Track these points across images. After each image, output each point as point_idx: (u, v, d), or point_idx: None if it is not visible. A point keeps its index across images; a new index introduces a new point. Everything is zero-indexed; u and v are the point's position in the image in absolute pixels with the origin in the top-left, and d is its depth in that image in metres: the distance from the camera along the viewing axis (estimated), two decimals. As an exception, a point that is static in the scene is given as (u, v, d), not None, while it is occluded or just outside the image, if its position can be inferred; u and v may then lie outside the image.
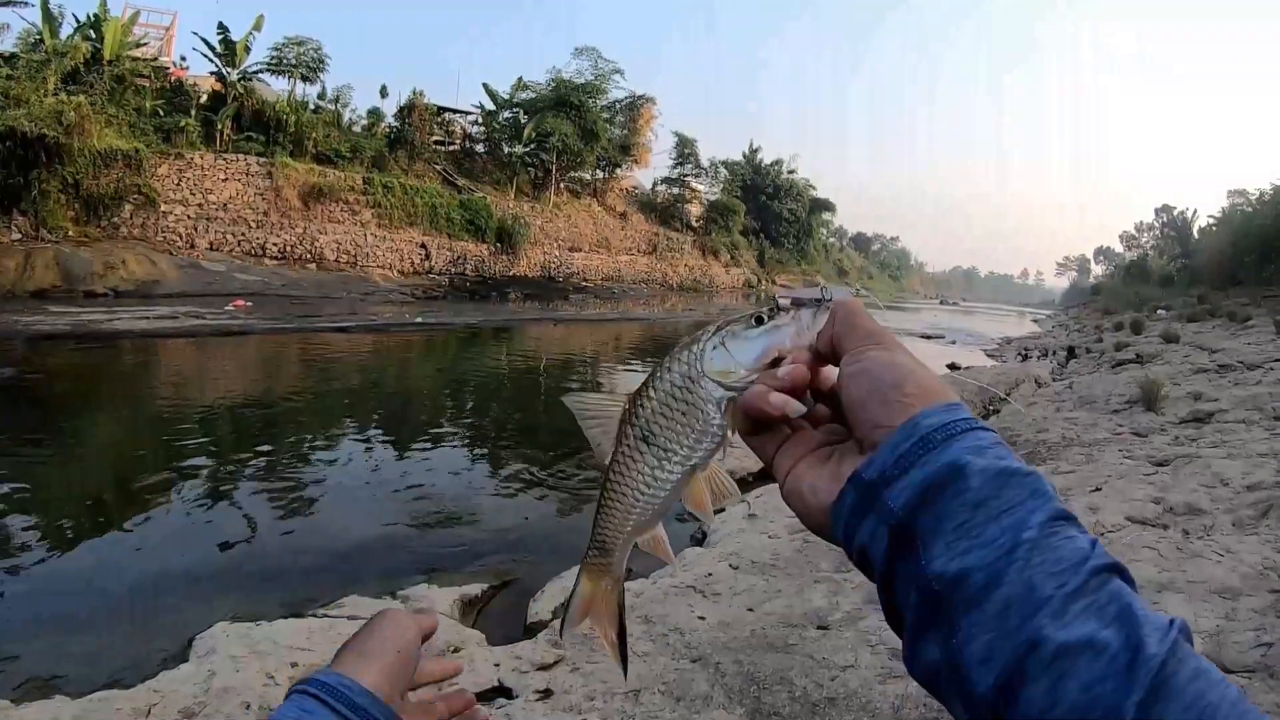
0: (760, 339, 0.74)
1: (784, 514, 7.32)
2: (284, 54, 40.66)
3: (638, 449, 0.79)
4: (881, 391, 0.61)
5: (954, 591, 0.51)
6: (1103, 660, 0.45)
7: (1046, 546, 0.51)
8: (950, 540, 0.53)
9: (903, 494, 0.56)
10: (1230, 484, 7.28)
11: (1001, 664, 0.48)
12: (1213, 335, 24.40)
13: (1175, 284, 63.73)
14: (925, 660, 0.53)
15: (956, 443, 0.56)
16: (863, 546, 0.58)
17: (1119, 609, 0.47)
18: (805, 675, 4.10)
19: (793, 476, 0.68)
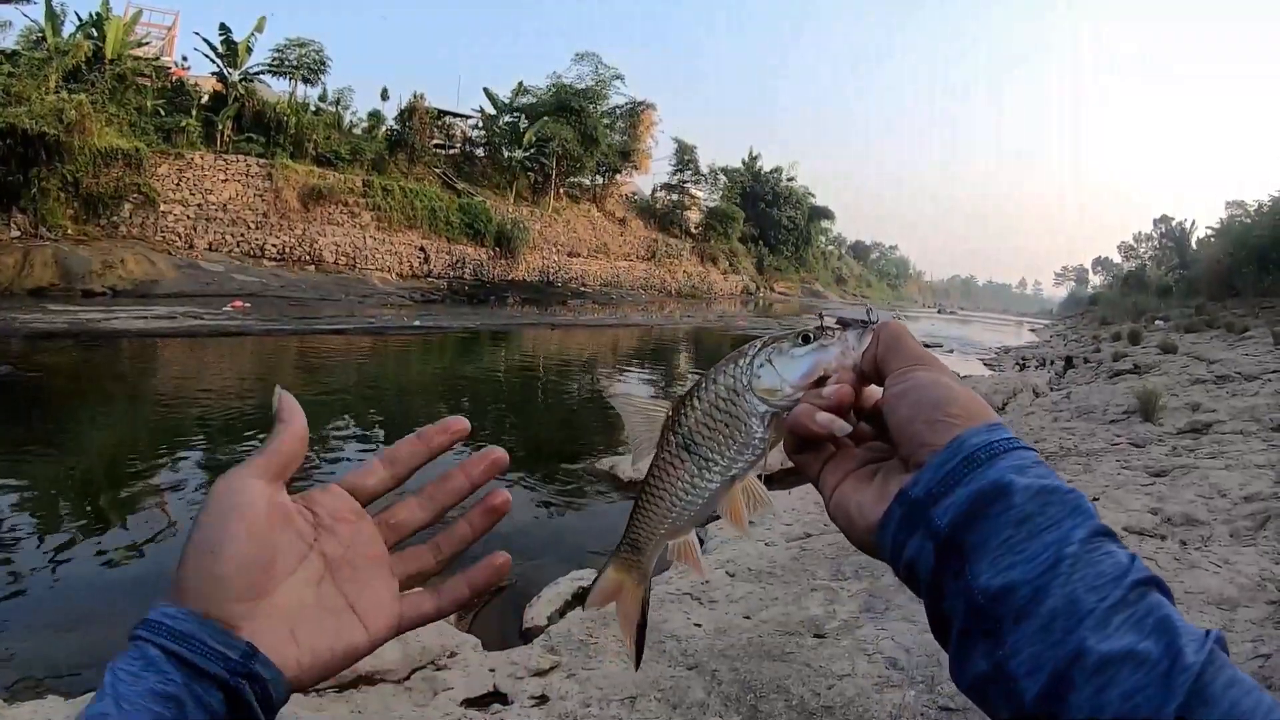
0: (807, 357, 0.76)
1: (781, 522, 7.32)
2: (285, 55, 40.69)
3: (679, 456, 0.80)
4: (926, 411, 0.63)
5: (1000, 605, 0.53)
6: (1143, 670, 0.47)
7: (1088, 561, 0.52)
8: (995, 556, 0.55)
9: (949, 511, 0.57)
10: (1228, 495, 7.29)
11: (1048, 674, 0.49)
12: (1210, 346, 24.41)
13: (1173, 294, 63.68)
14: (974, 672, 0.55)
15: (1000, 461, 0.58)
16: (910, 561, 0.60)
17: (1157, 620, 0.49)
18: (802, 683, 4.09)
19: (839, 494, 0.69)
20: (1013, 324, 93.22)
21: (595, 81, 54.98)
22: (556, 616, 5.46)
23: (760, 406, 0.77)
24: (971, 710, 3.69)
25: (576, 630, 4.90)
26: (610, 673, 4.34)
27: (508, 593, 6.23)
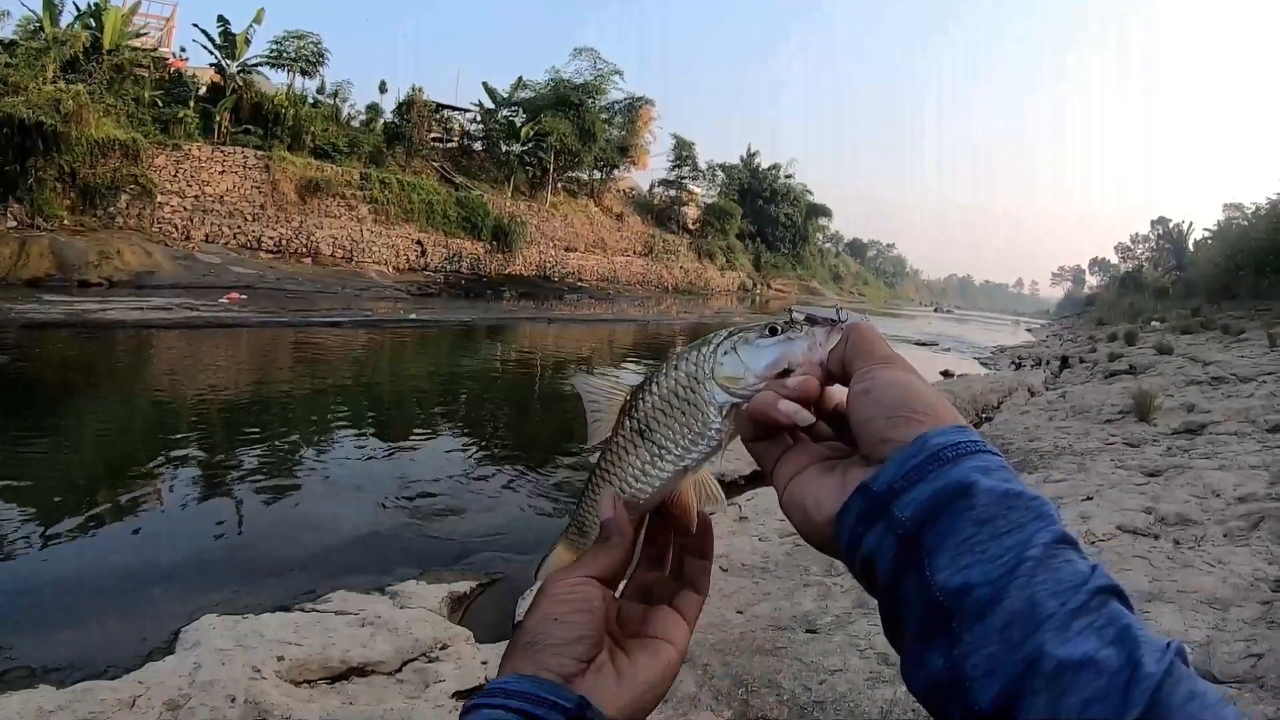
0: (773, 348, 0.76)
1: (775, 517, 7.32)
2: (284, 47, 40.65)
3: (633, 441, 0.81)
4: (891, 408, 0.63)
5: (958, 603, 0.53)
6: (1103, 678, 0.46)
7: (1049, 566, 0.52)
8: (956, 554, 0.54)
9: (910, 505, 0.57)
10: (1222, 495, 7.29)
11: (1004, 678, 0.49)
12: (1206, 347, 24.44)
13: (1170, 296, 63.79)
14: (928, 671, 0.54)
15: (965, 461, 0.58)
16: (869, 556, 0.60)
17: (1119, 630, 0.49)
18: (793, 678, 4.09)
19: (794, 485, 0.70)
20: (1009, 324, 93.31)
21: (594, 77, 54.97)
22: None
23: (720, 396, 0.77)
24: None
25: (568, 624, 4.90)
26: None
27: (500, 587, 6.24)
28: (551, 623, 0.75)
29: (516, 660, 0.73)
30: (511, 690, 0.67)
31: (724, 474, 9.30)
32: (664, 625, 0.81)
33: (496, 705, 0.66)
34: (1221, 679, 3.84)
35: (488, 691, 0.68)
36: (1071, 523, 6.53)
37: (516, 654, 0.74)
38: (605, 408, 0.85)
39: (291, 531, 7.33)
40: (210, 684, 4.08)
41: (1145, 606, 4.72)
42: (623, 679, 0.75)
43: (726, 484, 9.17)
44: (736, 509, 7.73)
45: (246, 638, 4.70)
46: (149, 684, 4.10)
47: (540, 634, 0.74)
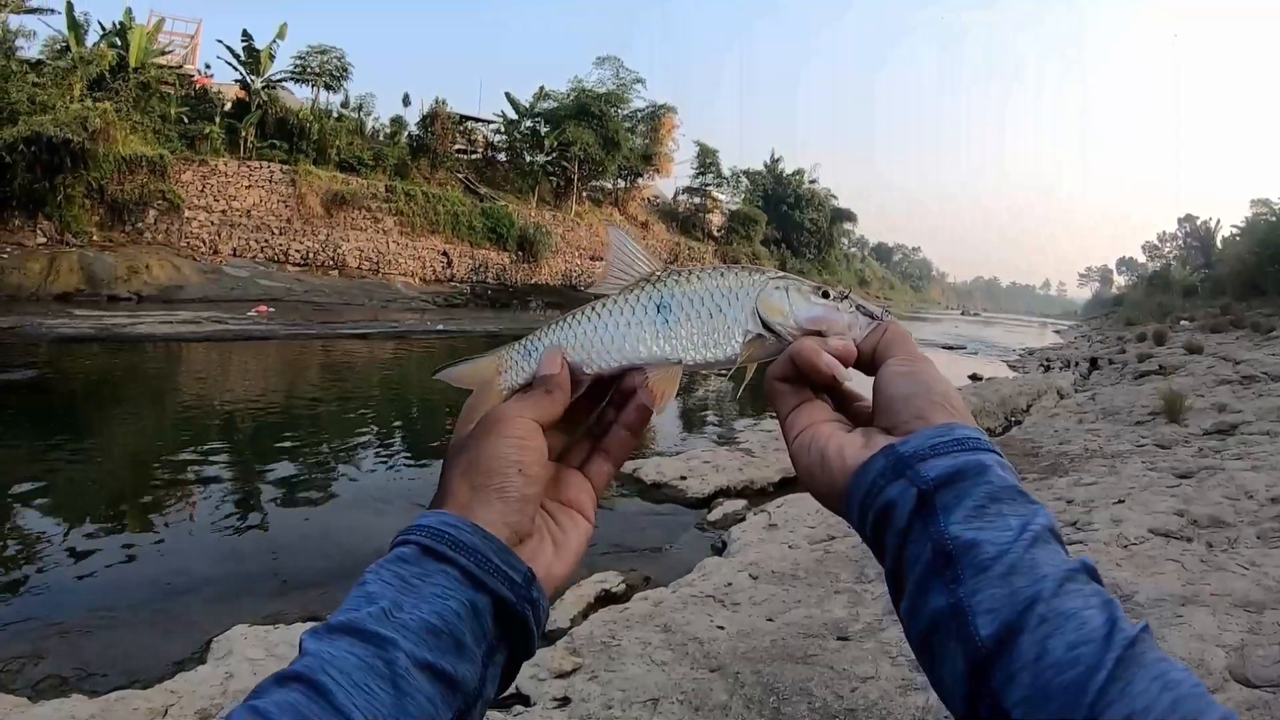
0: (820, 306, 0.80)
1: (804, 524, 7.29)
2: (307, 62, 40.94)
3: (645, 307, 0.82)
4: (930, 394, 0.69)
5: (965, 554, 0.58)
6: (1086, 628, 0.52)
7: (1045, 545, 0.58)
8: (968, 515, 0.60)
9: (934, 469, 0.62)
10: (1255, 496, 7.21)
11: (1004, 616, 0.54)
12: (1236, 346, 24.22)
13: (1198, 294, 63.13)
14: (931, 608, 0.59)
15: (984, 454, 0.64)
16: (888, 502, 0.63)
17: (1102, 600, 0.55)
18: (825, 686, 4.07)
19: (814, 433, 0.74)
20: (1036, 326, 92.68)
21: (616, 85, 54.88)
22: (579, 618, 5.46)
23: (750, 320, 0.81)
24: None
25: (599, 632, 4.90)
26: (633, 675, 4.33)
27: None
28: (516, 472, 0.70)
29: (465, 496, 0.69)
30: (461, 542, 0.63)
31: (751, 481, 9.29)
32: (576, 491, 0.80)
33: (443, 555, 0.62)
34: (1256, 683, 3.79)
35: (432, 531, 0.64)
36: (1104, 526, 6.48)
37: (467, 493, 0.69)
38: (627, 268, 0.86)
39: (321, 542, 7.37)
40: (243, 693, 4.08)
41: (1179, 610, 4.66)
42: (560, 551, 0.74)
43: (754, 491, 9.16)
44: (766, 516, 7.71)
45: (278, 647, 4.73)
46: (181, 693, 4.13)
47: (502, 481, 0.70)
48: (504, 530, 0.67)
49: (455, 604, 0.61)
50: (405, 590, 0.60)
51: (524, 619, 0.64)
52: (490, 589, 0.63)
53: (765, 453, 10.41)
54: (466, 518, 0.66)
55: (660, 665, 4.43)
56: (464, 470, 0.71)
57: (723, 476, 9.33)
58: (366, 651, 0.56)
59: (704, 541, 7.57)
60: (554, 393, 0.78)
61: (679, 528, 8.11)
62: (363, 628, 0.57)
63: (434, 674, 0.57)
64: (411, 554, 0.63)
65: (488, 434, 0.73)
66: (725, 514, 8.23)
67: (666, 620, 5.02)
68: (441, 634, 0.59)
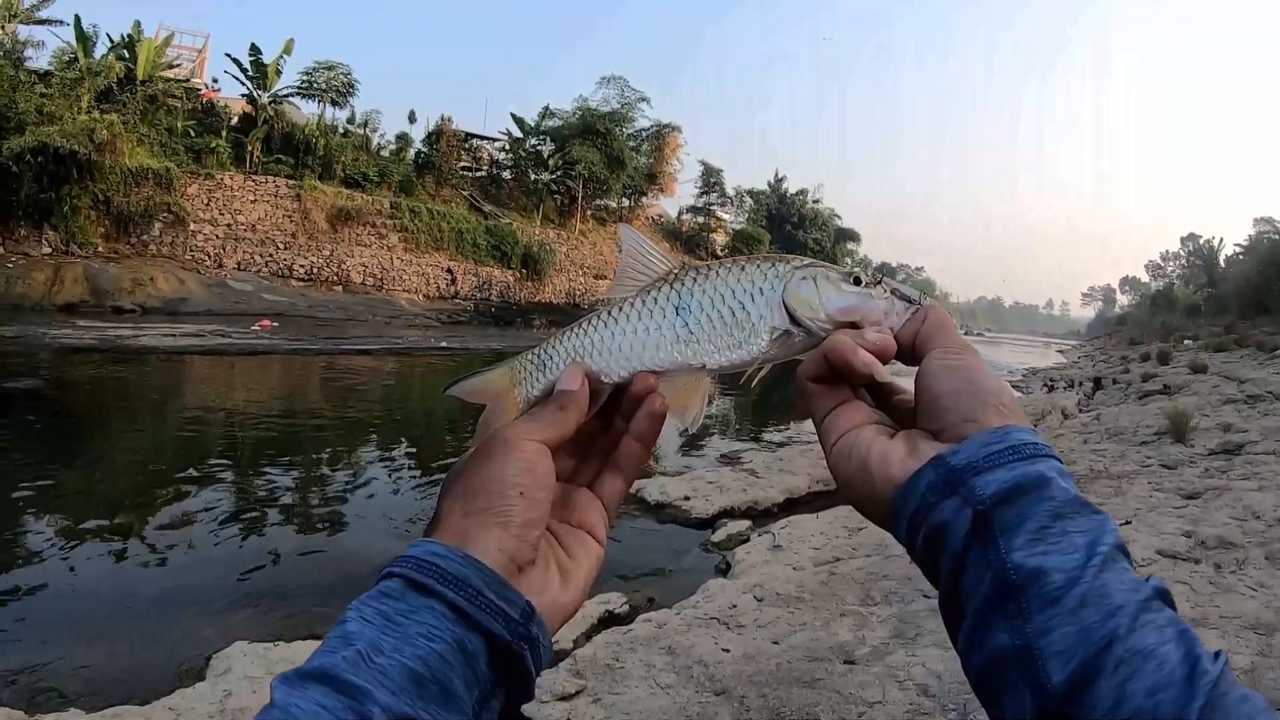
0: (852, 296, 0.74)
1: (809, 545, 7.25)
2: (314, 78, 41.19)
3: (663, 310, 0.77)
4: (980, 392, 0.64)
5: (1031, 585, 0.53)
6: (1165, 670, 0.48)
7: (1115, 568, 0.54)
8: (1031, 538, 0.55)
9: (991, 484, 0.57)
10: (1262, 517, 7.19)
11: (1078, 659, 0.50)
12: (1241, 365, 24.20)
13: (1202, 313, 63.32)
14: (993, 646, 0.54)
15: (1042, 462, 0.58)
16: (940, 524, 0.59)
17: (1178, 630, 0.50)
18: (831, 711, 4.03)
19: (852, 439, 0.68)
20: (1040, 345, 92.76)
21: (621, 104, 55.06)
22: (583, 640, 5.41)
23: (777, 316, 0.75)
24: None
25: (603, 654, 4.86)
26: (636, 698, 4.29)
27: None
28: (518, 495, 0.65)
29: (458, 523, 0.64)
30: (450, 575, 0.58)
31: (756, 502, 9.25)
32: (587, 512, 0.74)
33: (430, 589, 0.57)
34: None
35: (418, 562, 0.58)
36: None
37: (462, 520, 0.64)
38: (641, 269, 0.80)
39: (322, 559, 7.34)
40: (241, 711, 4.08)
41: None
42: (567, 579, 0.68)
43: (759, 512, 9.12)
44: (770, 537, 7.66)
45: (277, 665, 4.70)
46: (180, 710, 4.11)
47: (502, 505, 0.64)
48: (501, 559, 0.61)
49: (442, 645, 0.55)
50: (387, 629, 0.55)
51: (520, 659, 0.59)
52: (483, 627, 0.57)
53: (769, 473, 10.38)
54: (458, 547, 0.60)
55: (664, 688, 4.39)
56: (459, 495, 0.66)
57: (726, 497, 9.29)
58: (339, 703, 0.50)
59: (708, 562, 7.54)
60: (568, 409, 0.72)
61: (683, 549, 8.07)
62: (336, 675, 0.51)
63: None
64: (396, 588, 0.58)
65: (488, 457, 0.67)
66: (729, 535, 8.19)
67: (670, 642, 4.98)
68: (426, 681, 0.53)
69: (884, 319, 0.72)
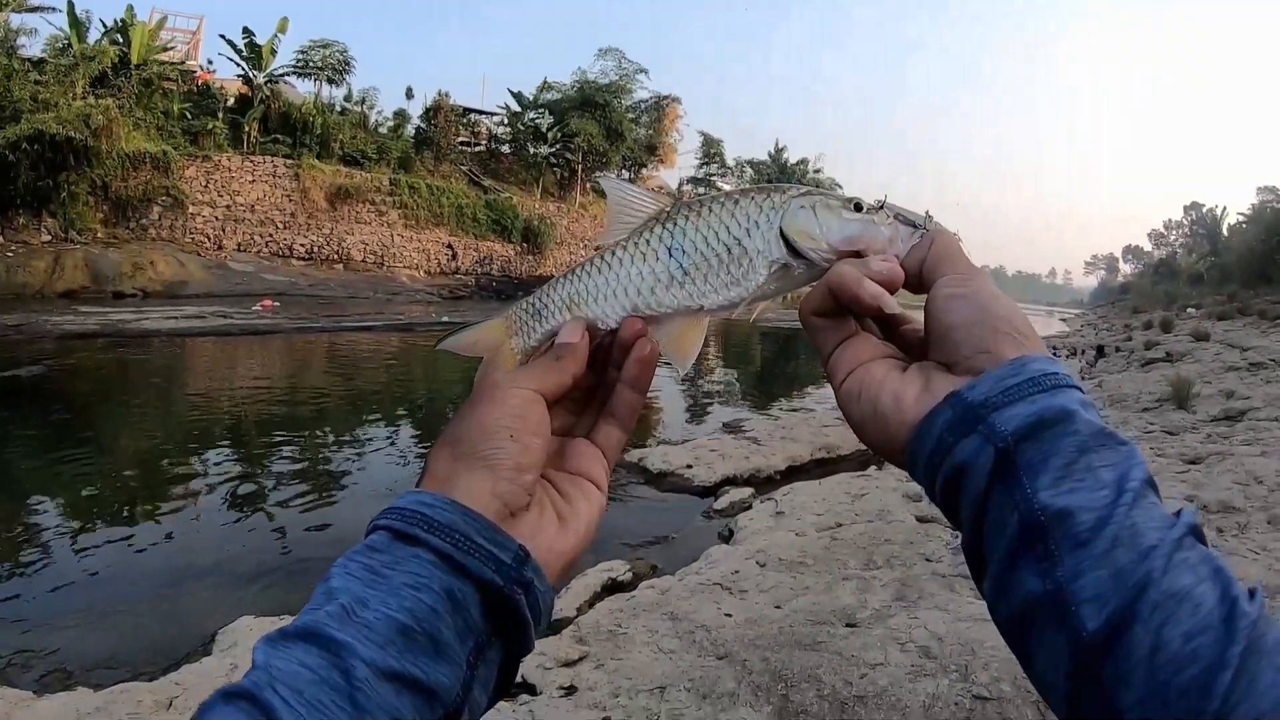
0: (855, 224, 0.70)
1: (811, 511, 7.26)
2: (310, 56, 41.01)
3: (655, 252, 0.74)
4: (992, 321, 0.61)
5: (1060, 526, 0.51)
6: (1201, 612, 0.46)
7: (1145, 504, 0.51)
8: (1057, 476, 0.52)
9: (1012, 420, 0.55)
10: (1264, 481, 7.20)
11: (1114, 604, 0.48)
12: (1244, 333, 24.16)
13: (1205, 282, 63.23)
14: (1024, 592, 0.52)
15: (1064, 394, 0.56)
16: (961, 465, 0.56)
17: (1212, 568, 0.48)
18: (834, 673, 4.04)
19: (864, 376, 0.66)
20: (1043, 314, 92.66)
21: (619, 76, 54.78)
22: (586, 607, 5.43)
23: (775, 248, 0.71)
24: (1006, 700, 3.64)
25: (605, 621, 4.88)
26: (639, 663, 4.31)
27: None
28: (507, 439, 0.62)
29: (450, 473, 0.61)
30: (436, 524, 0.56)
31: (758, 469, 9.27)
32: (585, 461, 0.71)
33: (416, 538, 0.55)
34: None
35: (405, 514, 0.57)
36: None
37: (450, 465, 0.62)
38: (631, 214, 0.77)
39: (328, 534, 7.35)
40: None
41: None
42: (565, 524, 0.65)
43: (761, 479, 9.15)
44: (773, 504, 7.68)
45: (284, 639, 4.70)
46: (186, 685, 4.12)
47: (490, 448, 0.62)
48: (491, 504, 0.59)
49: (429, 595, 0.53)
50: (373, 583, 0.53)
51: (515, 605, 0.56)
52: (473, 573, 0.55)
53: (771, 441, 10.38)
54: (445, 494, 0.58)
55: (667, 653, 4.41)
56: (446, 443, 0.64)
57: (729, 464, 9.30)
58: (322, 661, 0.48)
59: (711, 530, 7.54)
60: (565, 360, 0.71)
61: (686, 516, 8.08)
62: (319, 632, 0.50)
63: (402, 683, 0.50)
64: (382, 541, 0.56)
65: (477, 404, 0.66)
66: (732, 502, 8.19)
67: (673, 608, 5.00)
68: (413, 633, 0.51)
69: (889, 247, 0.69)
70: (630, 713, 3.85)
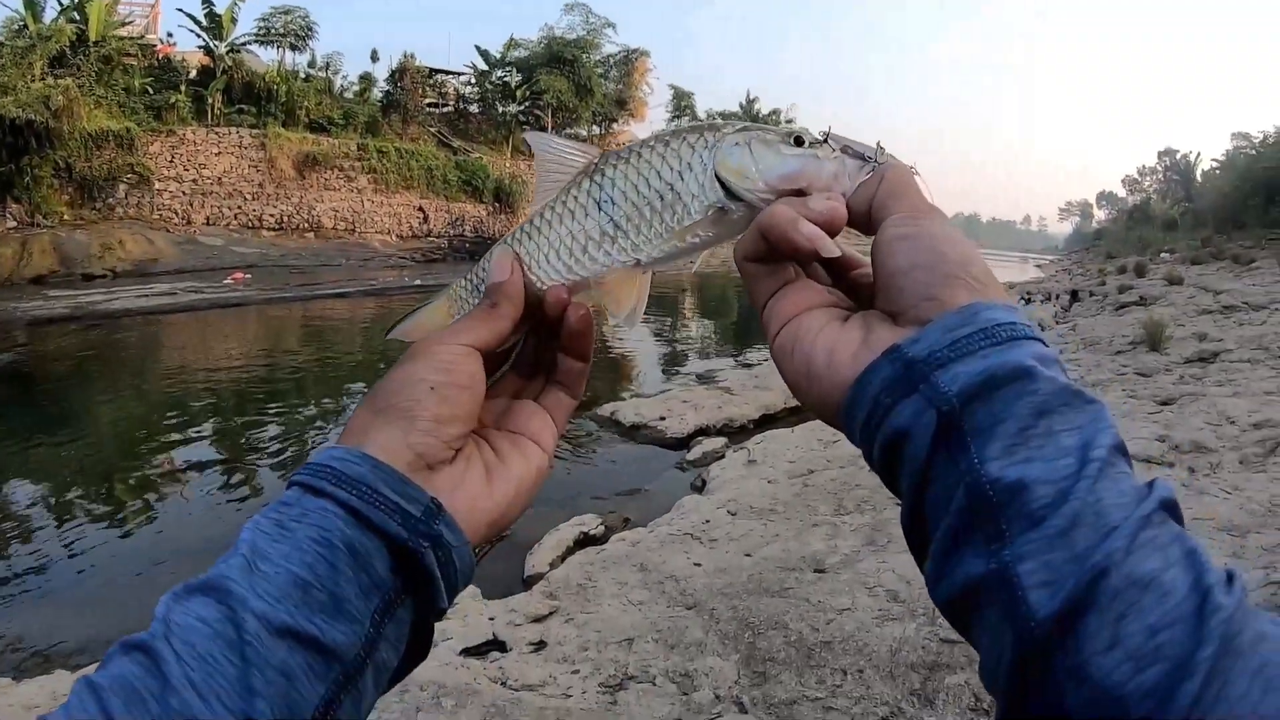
0: (795, 160, 0.64)
1: (784, 459, 7.29)
2: (271, 23, 40.29)
3: (584, 208, 0.70)
4: (942, 265, 0.54)
5: (1012, 502, 0.45)
6: (1169, 602, 0.40)
7: (1112, 475, 0.45)
8: (1011, 444, 0.46)
9: (958, 378, 0.48)
10: (1236, 422, 7.26)
11: (1067, 589, 0.42)
12: (1216, 277, 24.34)
13: (1179, 228, 63.54)
14: (964, 575, 0.46)
15: (1023, 346, 0.49)
16: (899, 431, 0.50)
17: (1185, 550, 0.42)
18: (801, 619, 4.05)
19: (799, 328, 0.59)
20: (1017, 260, 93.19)
21: (587, 31, 54.34)
22: (558, 562, 5.45)
23: (711, 191, 0.66)
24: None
25: (575, 575, 4.89)
26: (608, 615, 4.31)
27: (509, 542, 6.18)
28: (427, 390, 0.60)
29: (366, 425, 0.59)
30: (344, 476, 0.53)
31: (732, 419, 9.29)
32: (530, 422, 0.68)
33: (324, 491, 0.52)
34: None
35: (315, 468, 0.54)
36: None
37: (368, 419, 0.59)
38: (558, 169, 0.72)
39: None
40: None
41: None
42: (493, 477, 0.62)
43: (734, 429, 9.17)
44: (745, 453, 7.70)
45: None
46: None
47: (408, 400, 0.59)
48: (405, 455, 0.56)
49: (329, 550, 0.50)
50: (279, 537, 0.51)
51: (420, 559, 0.53)
52: (377, 526, 0.52)
53: (745, 390, 10.45)
54: (359, 448, 0.56)
55: (636, 605, 4.41)
56: (369, 398, 0.61)
57: (702, 415, 9.35)
58: (217, 614, 0.47)
59: (684, 481, 7.58)
60: (500, 305, 0.66)
61: (658, 468, 8.12)
62: (218, 585, 0.48)
63: (296, 639, 0.47)
64: (293, 496, 0.54)
65: (404, 360, 0.63)
66: (705, 452, 8.25)
67: (643, 560, 5.01)
68: (311, 588, 0.49)
69: (834, 183, 0.62)
70: (598, 665, 3.85)
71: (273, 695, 0.46)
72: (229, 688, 0.45)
